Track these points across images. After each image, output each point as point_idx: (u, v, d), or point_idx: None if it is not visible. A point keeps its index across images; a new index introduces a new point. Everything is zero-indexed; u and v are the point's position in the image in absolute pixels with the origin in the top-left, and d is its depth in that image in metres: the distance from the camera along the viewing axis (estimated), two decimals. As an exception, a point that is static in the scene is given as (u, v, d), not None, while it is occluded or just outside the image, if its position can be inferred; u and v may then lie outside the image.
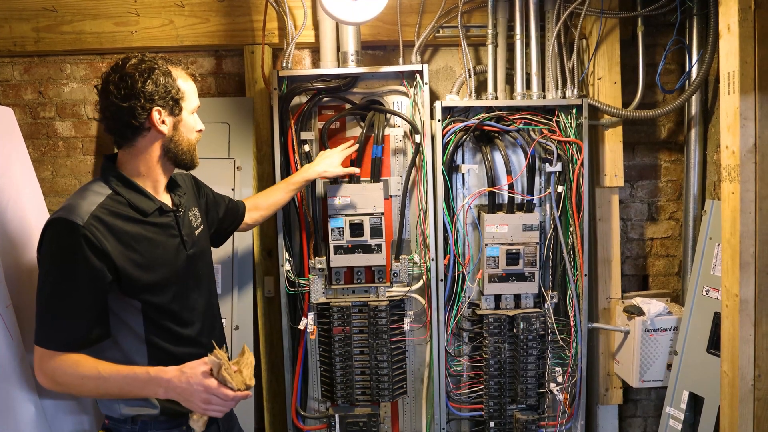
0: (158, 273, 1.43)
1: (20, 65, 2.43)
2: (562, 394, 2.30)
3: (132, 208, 1.42)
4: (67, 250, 1.32)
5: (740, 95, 1.73)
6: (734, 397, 1.83)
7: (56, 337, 1.34)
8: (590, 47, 2.35)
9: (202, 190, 1.80)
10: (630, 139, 2.51)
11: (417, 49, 2.30)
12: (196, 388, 1.32)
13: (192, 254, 1.54)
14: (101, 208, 1.37)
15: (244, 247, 2.35)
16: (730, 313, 1.84)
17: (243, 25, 2.35)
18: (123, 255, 1.37)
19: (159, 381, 1.34)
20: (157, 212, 1.47)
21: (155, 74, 1.39)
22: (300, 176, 2.08)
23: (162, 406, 1.45)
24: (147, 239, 1.43)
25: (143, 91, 1.37)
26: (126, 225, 1.40)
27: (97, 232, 1.33)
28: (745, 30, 1.71)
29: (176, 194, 1.57)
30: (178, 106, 1.45)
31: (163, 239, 1.47)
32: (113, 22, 2.34)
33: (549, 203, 2.31)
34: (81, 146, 2.49)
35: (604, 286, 2.46)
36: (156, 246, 1.45)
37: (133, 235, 1.40)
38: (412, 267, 2.33)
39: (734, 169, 1.78)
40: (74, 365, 1.34)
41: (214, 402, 1.34)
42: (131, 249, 1.39)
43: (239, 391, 1.35)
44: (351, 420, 2.33)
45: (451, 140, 2.23)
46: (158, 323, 1.45)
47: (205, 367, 1.34)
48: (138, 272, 1.39)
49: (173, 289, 1.48)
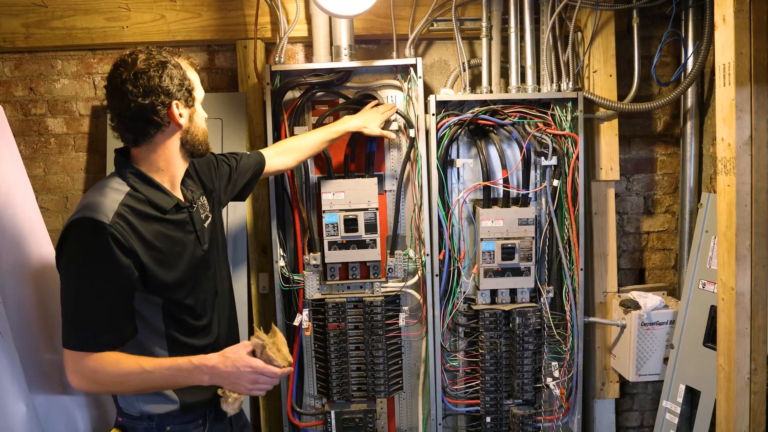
0: (178, 270, 1.44)
1: (10, 62, 2.41)
2: (558, 389, 2.29)
3: (151, 205, 1.42)
4: (95, 250, 1.30)
5: (736, 87, 1.71)
6: (730, 390, 1.83)
7: (92, 338, 1.33)
8: (585, 40, 2.34)
9: (221, 168, 1.78)
10: (626, 132, 2.50)
11: (411, 43, 2.29)
12: (244, 370, 1.37)
13: (207, 249, 1.54)
14: (123, 206, 1.36)
15: (239, 244, 2.34)
16: (726, 306, 1.83)
17: (235, 19, 2.33)
18: (147, 253, 1.37)
19: (203, 368, 1.36)
20: (174, 209, 1.47)
21: (168, 68, 1.40)
22: (341, 126, 2.10)
23: (181, 401, 1.47)
24: (167, 237, 1.43)
25: (161, 86, 1.37)
26: (147, 223, 1.40)
27: (124, 231, 1.33)
28: (740, 21, 1.69)
29: (187, 188, 1.57)
30: (192, 97, 1.47)
31: (181, 236, 1.47)
32: (104, 17, 2.32)
33: (544, 197, 2.30)
34: (73, 143, 2.47)
35: (600, 280, 2.46)
36: (175, 243, 1.45)
37: (154, 233, 1.40)
38: (408, 262, 2.32)
39: (730, 161, 1.76)
40: (115, 363, 1.33)
41: (262, 381, 1.39)
42: (154, 247, 1.39)
43: (284, 368, 1.41)
44: (347, 416, 2.33)
45: (446, 134, 2.22)
46: (177, 317, 1.46)
47: (248, 349, 1.40)
48: (161, 270, 1.40)
49: (190, 284, 1.48)
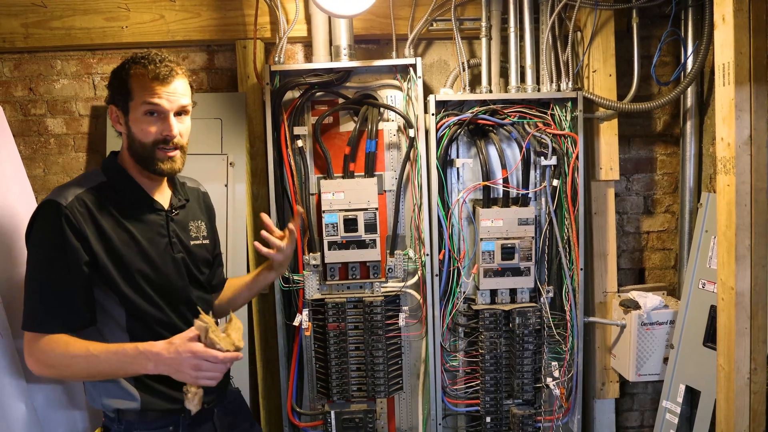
0: (132, 267, 1.41)
1: (10, 62, 2.41)
2: (558, 389, 2.29)
3: (121, 199, 1.43)
4: (50, 231, 1.34)
5: (735, 87, 1.71)
6: (730, 390, 1.83)
7: (44, 319, 1.35)
8: (585, 39, 2.34)
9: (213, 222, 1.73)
10: (625, 132, 2.50)
11: (410, 43, 2.28)
12: (185, 355, 1.30)
13: (180, 258, 1.51)
14: (89, 192, 1.40)
15: (238, 244, 2.33)
16: (726, 306, 1.83)
17: (235, 19, 2.33)
18: (99, 242, 1.38)
19: (148, 354, 1.32)
20: (146, 208, 1.47)
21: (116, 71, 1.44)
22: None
23: (144, 401, 1.43)
24: (127, 232, 1.42)
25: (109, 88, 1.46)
26: (108, 214, 1.41)
27: (78, 214, 1.36)
28: (740, 20, 1.69)
29: (177, 197, 1.56)
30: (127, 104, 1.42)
31: (149, 236, 1.46)
32: (103, 17, 2.31)
33: (544, 197, 2.30)
34: (73, 143, 2.47)
35: (600, 280, 2.46)
36: (136, 242, 1.43)
37: (113, 224, 1.41)
38: (407, 262, 2.31)
39: (730, 161, 1.76)
40: (64, 345, 1.34)
41: (205, 367, 1.31)
42: (108, 238, 1.39)
43: (228, 352, 1.31)
44: (347, 416, 2.32)
45: (446, 134, 2.22)
46: (139, 316, 1.43)
47: (192, 334, 1.32)
48: (111, 263, 1.39)
49: (154, 285, 1.45)
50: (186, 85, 1.46)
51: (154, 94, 1.39)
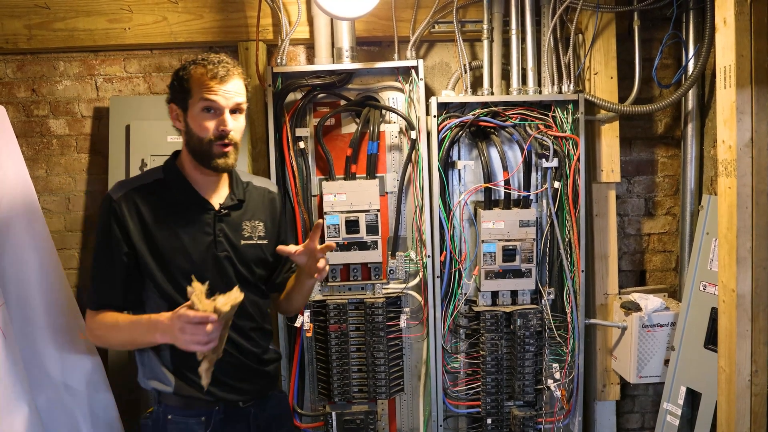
0: (172, 264, 1.49)
1: (13, 63, 2.42)
2: (559, 391, 2.29)
3: (171, 197, 1.52)
4: (102, 221, 1.50)
5: (737, 89, 1.72)
6: (731, 392, 1.83)
7: (91, 297, 1.52)
8: (586, 42, 2.34)
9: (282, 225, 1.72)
10: (627, 135, 2.50)
11: (412, 45, 2.29)
12: (174, 319, 1.34)
13: (224, 257, 1.53)
14: (142, 189, 1.52)
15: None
16: (727, 308, 1.83)
17: (237, 21, 2.34)
18: (141, 238, 1.48)
19: (156, 324, 1.39)
20: (195, 206, 1.53)
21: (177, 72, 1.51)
22: None
23: (177, 386, 1.51)
24: (171, 229, 1.50)
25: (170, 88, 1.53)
26: (155, 212, 1.50)
27: (125, 209, 1.48)
28: (741, 23, 1.70)
29: (230, 197, 1.59)
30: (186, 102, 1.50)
31: (192, 234, 1.51)
32: (106, 19, 2.32)
33: (545, 199, 2.31)
34: (75, 144, 2.47)
35: (601, 282, 2.46)
36: (178, 239, 1.50)
37: (157, 222, 1.50)
38: (409, 264, 2.32)
39: (731, 163, 1.77)
40: (103, 318, 1.49)
41: (188, 330, 1.30)
42: (150, 235, 1.49)
43: (199, 312, 1.29)
44: (348, 417, 2.33)
45: (447, 136, 2.22)
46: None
47: (188, 303, 1.34)
48: (151, 258, 1.49)
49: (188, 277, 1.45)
50: (242, 85, 1.52)
51: (211, 91, 1.46)
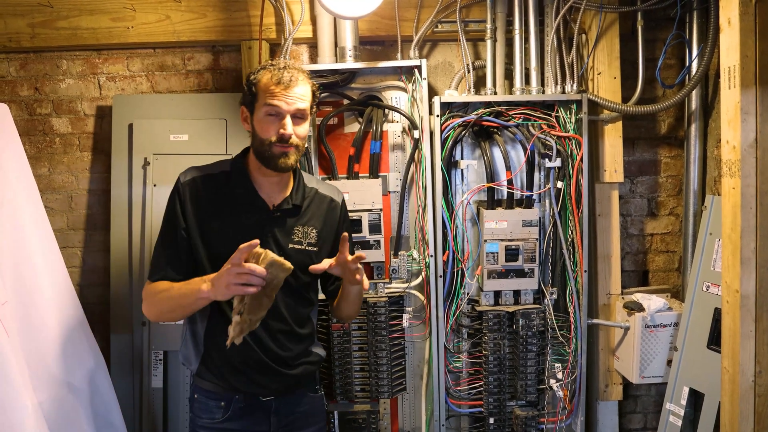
0: (218, 255, 1.50)
1: (16, 61, 2.42)
2: (561, 391, 2.29)
3: (231, 190, 1.58)
4: (169, 200, 1.60)
5: (741, 90, 1.71)
6: (735, 393, 1.82)
7: (152, 270, 1.58)
8: (590, 42, 2.34)
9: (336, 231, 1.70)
10: (630, 135, 2.50)
11: (415, 44, 2.29)
12: (226, 267, 1.38)
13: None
14: (207, 178, 1.59)
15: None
16: (730, 308, 1.83)
17: (240, 20, 2.34)
18: (196, 223, 1.55)
19: (205, 277, 1.45)
20: (249, 204, 1.58)
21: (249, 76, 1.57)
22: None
23: (199, 369, 1.60)
24: (223, 221, 1.56)
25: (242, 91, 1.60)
26: (213, 202, 1.57)
27: (186, 193, 1.57)
28: (745, 24, 1.69)
29: (287, 200, 1.60)
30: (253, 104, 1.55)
31: (242, 230, 1.53)
32: (109, 17, 2.32)
33: (548, 199, 2.30)
34: (78, 143, 2.47)
35: (603, 282, 2.45)
36: (227, 232, 1.54)
37: (213, 212, 1.56)
38: (411, 263, 2.32)
39: (735, 164, 1.76)
40: (157, 285, 1.56)
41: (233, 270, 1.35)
42: (204, 219, 1.56)
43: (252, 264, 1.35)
44: (350, 416, 2.33)
45: (450, 136, 2.22)
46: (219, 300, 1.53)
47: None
48: (201, 245, 1.55)
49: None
50: (307, 91, 1.56)
51: (275, 96, 1.51)
